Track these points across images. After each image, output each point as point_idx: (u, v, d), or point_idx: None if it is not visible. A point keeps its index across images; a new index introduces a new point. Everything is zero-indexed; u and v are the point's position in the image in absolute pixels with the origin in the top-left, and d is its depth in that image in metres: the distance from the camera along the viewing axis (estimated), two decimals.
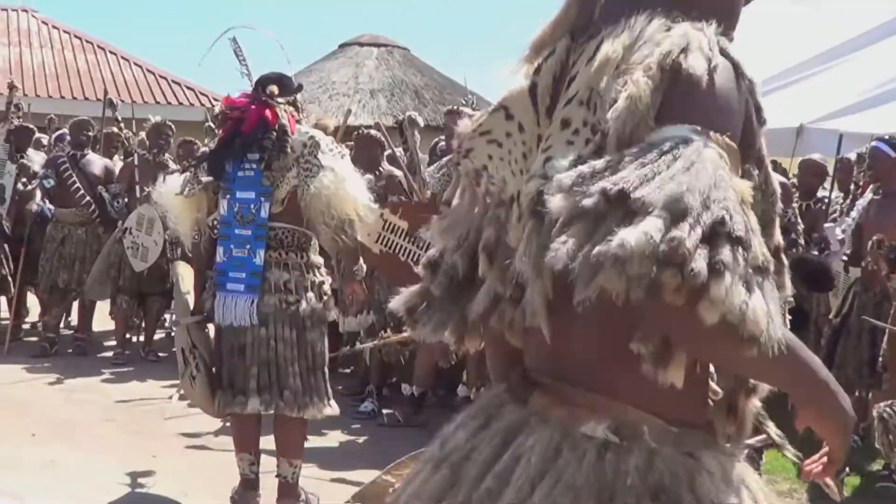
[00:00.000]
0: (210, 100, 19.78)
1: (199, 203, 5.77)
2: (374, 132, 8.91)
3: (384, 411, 8.24)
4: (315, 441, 6.93)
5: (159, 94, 22.71)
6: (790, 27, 11.89)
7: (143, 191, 9.50)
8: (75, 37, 24.45)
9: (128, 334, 10.74)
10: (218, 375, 5.64)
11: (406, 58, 25.77)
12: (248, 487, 5.84)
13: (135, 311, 10.56)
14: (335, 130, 7.89)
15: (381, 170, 8.61)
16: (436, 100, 23.57)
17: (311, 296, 5.58)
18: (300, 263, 5.60)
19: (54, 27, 24.63)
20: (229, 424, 6.14)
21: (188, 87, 23.07)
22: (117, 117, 12.02)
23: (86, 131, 10.60)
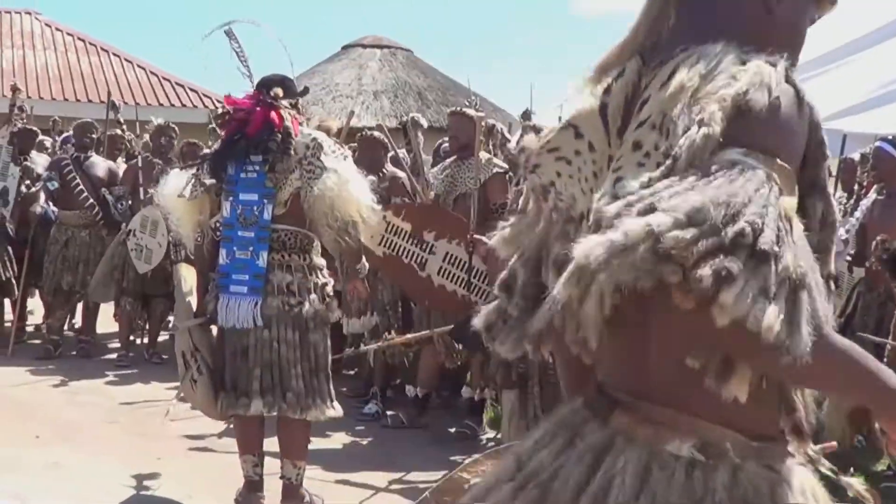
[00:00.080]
0: (214, 102, 19.76)
1: (201, 205, 5.77)
2: (377, 134, 8.91)
3: (388, 413, 8.22)
4: (319, 443, 6.93)
5: (163, 97, 22.71)
6: None
7: (147, 193, 9.50)
8: (79, 39, 24.44)
9: (132, 336, 10.74)
10: (221, 377, 5.64)
11: (409, 59, 25.76)
12: (251, 489, 5.84)
13: (139, 313, 10.57)
14: (338, 132, 7.88)
15: (384, 171, 8.62)
16: (439, 101, 23.56)
17: (313, 298, 5.57)
18: (303, 265, 5.60)
19: (57, 29, 24.63)
20: (233, 426, 6.14)
21: (192, 90, 23.07)
22: (119, 119, 12.02)
23: (89, 133, 10.61)
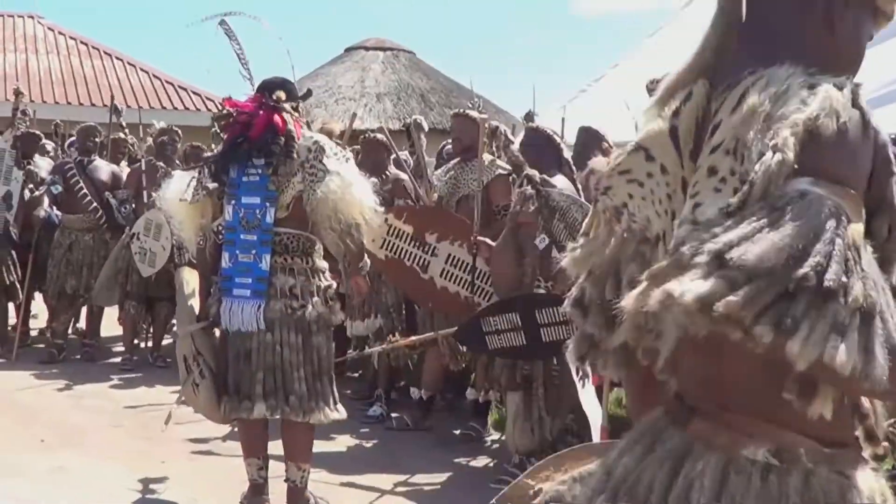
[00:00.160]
0: (216, 105, 19.75)
1: (203, 209, 5.76)
2: (379, 136, 8.91)
3: (393, 415, 8.22)
4: (324, 445, 6.93)
5: (166, 100, 22.70)
6: None
7: (150, 196, 9.50)
8: (81, 43, 24.44)
9: (136, 340, 10.75)
10: (223, 381, 5.64)
11: (412, 61, 25.78)
12: (256, 492, 5.84)
13: (143, 316, 10.58)
14: (341, 134, 7.88)
15: (387, 174, 8.61)
16: (442, 103, 23.58)
17: (316, 300, 5.57)
18: (305, 268, 5.59)
19: (60, 33, 24.64)
20: (237, 430, 6.14)
21: (194, 93, 23.07)
22: (122, 123, 12.03)
23: (92, 137, 10.62)
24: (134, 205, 10.30)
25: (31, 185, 10.62)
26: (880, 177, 1.90)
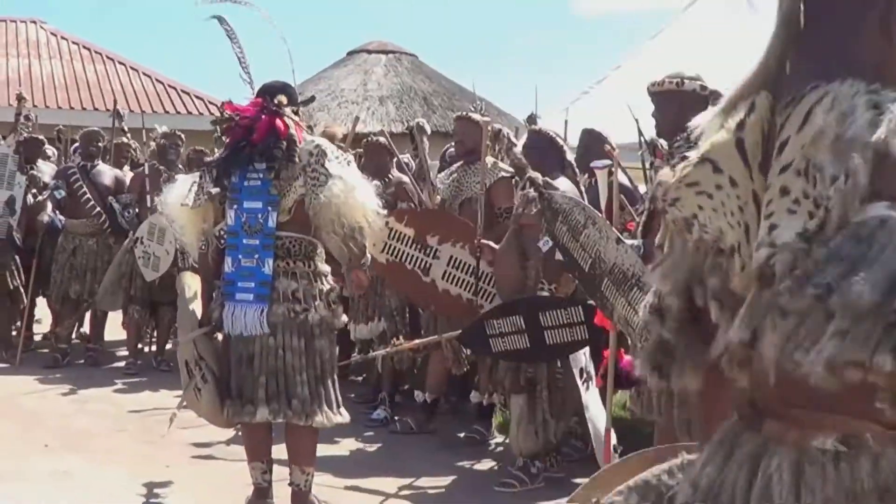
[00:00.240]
0: (219, 109, 19.79)
1: (205, 213, 5.76)
2: (382, 139, 8.90)
3: (396, 419, 8.22)
4: (328, 449, 6.92)
5: (168, 104, 22.72)
6: None
7: (154, 200, 9.49)
8: (84, 48, 24.46)
9: (140, 344, 10.75)
10: (226, 385, 5.63)
11: (414, 64, 25.77)
12: (260, 496, 5.83)
13: (146, 321, 10.59)
14: (344, 138, 7.88)
15: (390, 177, 8.60)
16: (445, 106, 23.57)
17: (319, 304, 5.56)
18: (308, 272, 5.59)
19: (63, 38, 24.65)
20: (241, 434, 6.14)
21: (197, 97, 23.08)
22: (124, 128, 12.03)
23: (95, 142, 10.62)
24: (137, 209, 10.30)
25: (34, 190, 10.62)
26: None
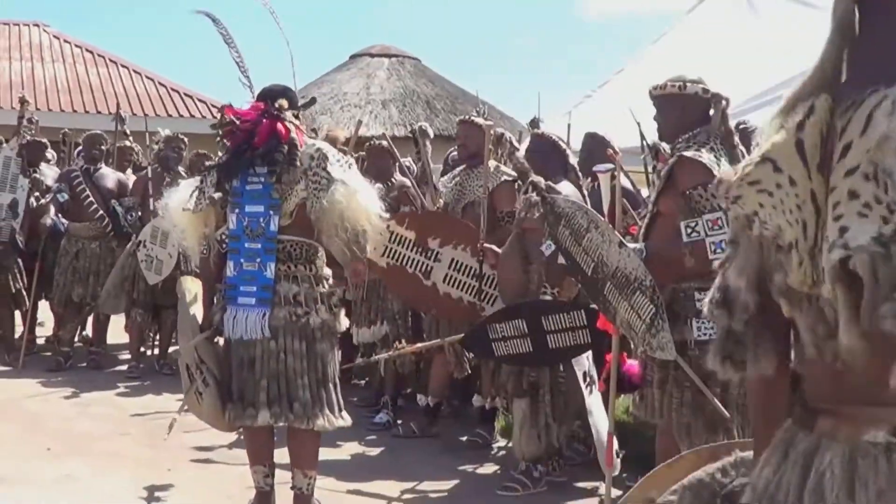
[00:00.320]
0: (219, 112, 19.78)
1: (206, 218, 5.75)
2: (385, 143, 8.90)
3: (399, 422, 8.22)
4: (330, 453, 6.92)
5: (171, 107, 22.72)
6: (802, 31, 11.84)
7: (157, 204, 9.50)
8: (87, 51, 24.47)
9: (142, 348, 10.76)
10: (227, 389, 5.63)
11: (417, 68, 25.79)
12: (262, 500, 5.83)
13: (149, 324, 10.59)
14: (347, 141, 7.88)
15: (392, 180, 8.60)
16: (447, 109, 23.59)
17: (320, 308, 5.55)
18: (309, 276, 5.58)
19: (66, 41, 24.67)
20: (243, 437, 6.14)
21: (200, 100, 23.07)
22: (126, 131, 12.03)
23: (98, 145, 10.63)
24: (140, 212, 10.31)
25: (36, 194, 10.63)
26: None
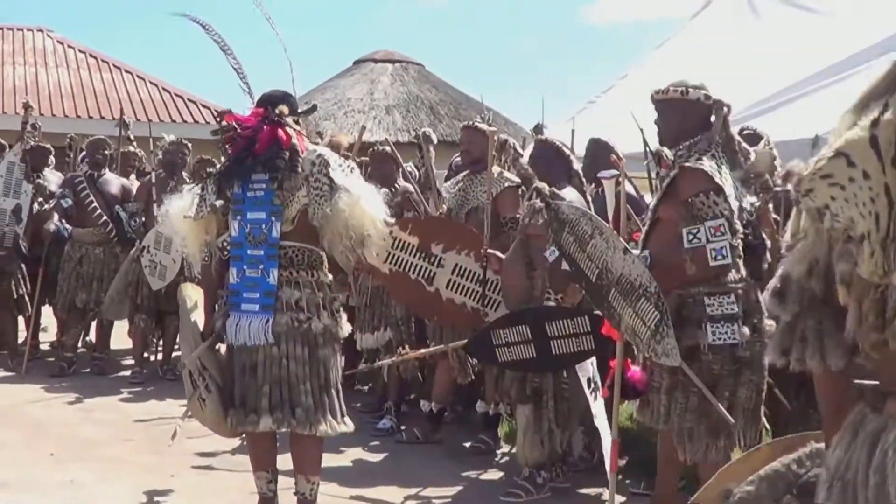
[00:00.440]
0: (218, 118, 19.77)
1: (207, 225, 5.75)
2: (388, 148, 8.91)
3: (402, 428, 8.21)
4: (333, 458, 6.92)
5: (175, 113, 22.72)
6: (805, 37, 11.85)
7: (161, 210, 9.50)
8: (91, 56, 24.48)
9: (146, 353, 10.75)
10: (230, 395, 5.62)
11: (421, 73, 25.83)
12: None
13: (152, 329, 10.59)
14: (350, 147, 7.87)
15: (396, 186, 8.60)
16: (451, 115, 23.62)
17: (323, 313, 5.53)
18: (311, 282, 5.56)
19: (69, 46, 24.68)
20: (246, 443, 6.13)
21: (204, 106, 23.04)
22: (129, 136, 12.04)
23: (102, 150, 10.62)
24: (144, 218, 10.32)
25: (40, 199, 10.64)
26: None
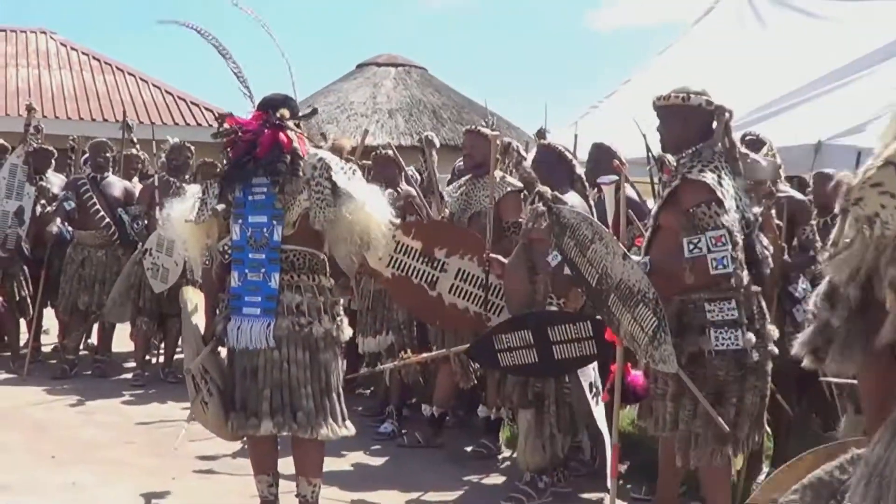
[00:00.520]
0: (218, 120, 19.78)
1: (209, 229, 5.75)
2: (391, 152, 8.91)
3: (404, 432, 8.21)
4: (335, 462, 6.92)
5: (178, 116, 22.74)
6: (808, 42, 11.85)
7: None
8: (94, 58, 24.51)
9: (147, 356, 10.75)
10: (231, 398, 5.62)
11: (424, 77, 25.84)
12: None
13: (154, 332, 10.59)
14: (353, 150, 7.87)
15: (399, 190, 8.60)
16: (454, 119, 23.63)
17: (324, 318, 5.53)
18: (312, 285, 5.55)
19: (72, 49, 24.70)
20: (247, 447, 6.13)
21: (207, 109, 23.06)
22: (133, 139, 12.03)
23: (103, 153, 10.62)
24: (146, 221, 10.32)
25: (43, 201, 10.65)
26: None
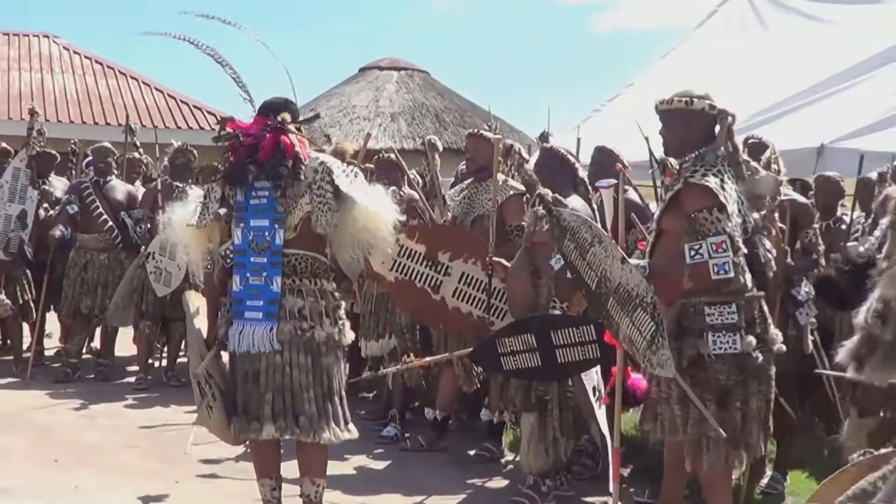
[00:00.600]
0: (219, 124, 19.79)
1: (210, 233, 5.75)
2: (392, 155, 8.91)
3: (407, 436, 8.20)
4: (338, 466, 6.91)
5: (181, 119, 22.77)
6: (810, 46, 11.87)
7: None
8: (96, 62, 24.53)
9: (150, 359, 10.75)
10: (233, 402, 5.62)
11: (426, 81, 25.84)
12: None
13: (157, 336, 10.59)
14: (355, 154, 7.87)
15: (401, 193, 8.59)
16: (456, 123, 23.63)
17: (326, 321, 5.52)
18: (314, 289, 5.55)
19: (75, 52, 24.74)
20: (250, 450, 6.13)
21: (210, 112, 23.06)
22: (135, 143, 12.04)
23: (106, 158, 10.64)
24: (149, 224, 10.31)
25: (45, 205, 10.66)
26: None
